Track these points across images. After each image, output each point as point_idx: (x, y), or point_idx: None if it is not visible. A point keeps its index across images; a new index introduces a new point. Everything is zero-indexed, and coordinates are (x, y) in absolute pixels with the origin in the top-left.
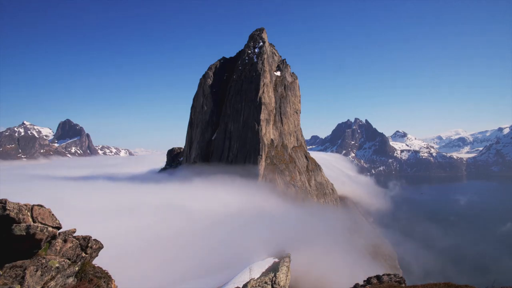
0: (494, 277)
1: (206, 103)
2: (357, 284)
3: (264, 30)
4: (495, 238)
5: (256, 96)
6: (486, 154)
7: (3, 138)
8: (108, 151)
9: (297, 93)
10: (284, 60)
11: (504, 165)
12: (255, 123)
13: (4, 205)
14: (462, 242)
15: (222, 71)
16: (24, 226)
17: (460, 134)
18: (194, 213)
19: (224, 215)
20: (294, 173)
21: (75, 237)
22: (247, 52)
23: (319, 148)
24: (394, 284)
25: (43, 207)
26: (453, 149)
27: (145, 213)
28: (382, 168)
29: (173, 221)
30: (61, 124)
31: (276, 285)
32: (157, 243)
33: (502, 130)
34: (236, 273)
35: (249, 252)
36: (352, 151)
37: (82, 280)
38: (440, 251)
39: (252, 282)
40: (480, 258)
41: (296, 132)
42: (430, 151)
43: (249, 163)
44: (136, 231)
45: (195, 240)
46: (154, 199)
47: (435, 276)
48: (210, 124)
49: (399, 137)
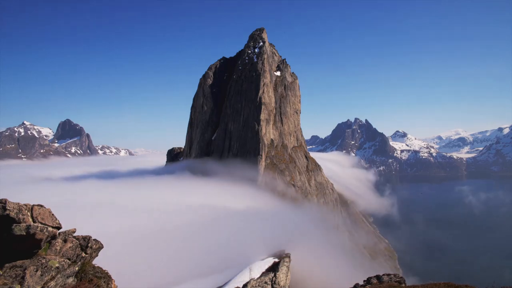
0: (494, 277)
1: (206, 103)
2: (357, 284)
3: (264, 30)
4: (495, 238)
5: (256, 96)
6: (486, 154)
7: (3, 138)
8: (108, 151)
9: (297, 93)
10: (284, 60)
11: (504, 165)
12: (255, 123)
13: (4, 205)
14: (462, 242)
15: (222, 71)
16: (24, 226)
17: (460, 134)
18: (194, 214)
19: (224, 215)
20: (294, 173)
21: (75, 237)
22: (247, 52)
23: (319, 148)
24: (394, 284)
25: (43, 207)
26: (453, 149)
27: (145, 213)
28: (382, 168)
29: (173, 221)
30: (61, 124)
31: (276, 285)
32: (157, 243)
33: (502, 130)
34: (236, 273)
35: (249, 252)
36: (352, 151)
37: (82, 280)
38: (440, 251)
39: (252, 282)
40: (480, 258)
41: (296, 132)
42: (430, 151)
43: (249, 163)
44: (136, 232)
45: (195, 240)
46: (154, 199)
47: (435, 276)
48: (210, 124)
49: (399, 137)
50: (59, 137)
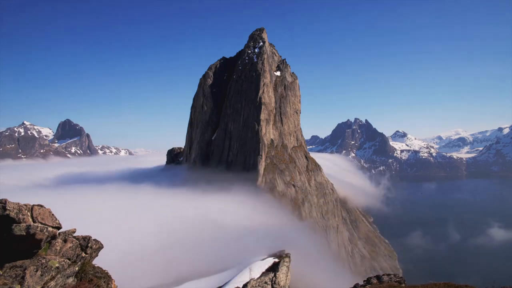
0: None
1: (206, 103)
2: (357, 284)
3: (264, 30)
4: (495, 238)
5: (256, 96)
6: (486, 154)
7: (3, 138)
8: (108, 151)
9: (297, 93)
10: (284, 60)
11: (504, 165)
12: (255, 123)
13: (4, 205)
14: (462, 242)
15: (222, 71)
16: (24, 226)
17: (460, 134)
18: (193, 214)
19: (224, 216)
20: (294, 173)
21: (75, 237)
22: (247, 52)
23: (319, 148)
24: (394, 284)
25: (43, 207)
26: (453, 149)
27: (144, 213)
28: (382, 168)
29: (173, 221)
30: (61, 124)
31: (276, 285)
32: (157, 243)
33: (502, 130)
34: (236, 273)
35: (249, 252)
36: (352, 151)
37: (82, 280)
38: (440, 251)
39: (252, 282)
40: (480, 258)
41: (296, 132)
42: (430, 151)
43: (249, 163)
44: (135, 232)
45: (195, 240)
46: (154, 200)
47: (435, 276)
48: (210, 124)
49: (399, 137)
50: (59, 137)
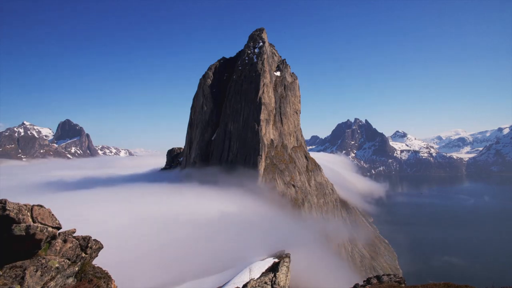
0: (494, 277)
1: (206, 103)
2: (357, 284)
3: (264, 30)
4: (495, 238)
5: (256, 96)
6: (486, 154)
7: (3, 138)
8: (108, 151)
9: (297, 93)
10: (284, 60)
11: (504, 165)
12: (255, 123)
13: (4, 205)
14: (462, 242)
15: (222, 71)
16: (24, 226)
17: (460, 134)
18: (194, 214)
19: (223, 216)
20: (294, 173)
21: (75, 237)
22: (247, 52)
23: (319, 148)
24: (394, 284)
25: (43, 207)
26: (453, 149)
27: (144, 213)
28: (382, 168)
29: (173, 221)
30: (61, 124)
31: (276, 285)
32: (157, 243)
33: (502, 130)
34: (236, 273)
35: (249, 252)
36: (352, 151)
37: (82, 280)
38: (440, 251)
39: (252, 282)
40: (480, 258)
41: (296, 132)
42: (430, 151)
43: (249, 163)
44: (135, 232)
45: (195, 240)
46: (154, 199)
47: (435, 276)
48: (210, 124)
49: (399, 137)
50: (59, 137)
